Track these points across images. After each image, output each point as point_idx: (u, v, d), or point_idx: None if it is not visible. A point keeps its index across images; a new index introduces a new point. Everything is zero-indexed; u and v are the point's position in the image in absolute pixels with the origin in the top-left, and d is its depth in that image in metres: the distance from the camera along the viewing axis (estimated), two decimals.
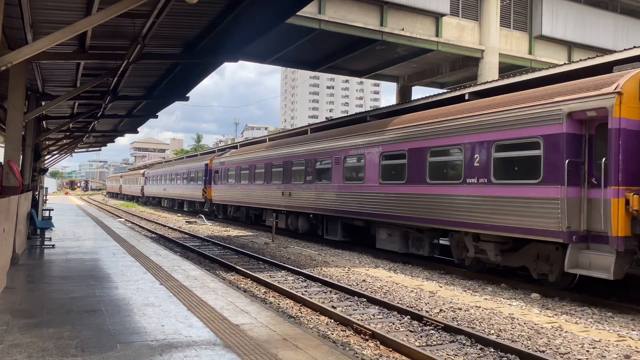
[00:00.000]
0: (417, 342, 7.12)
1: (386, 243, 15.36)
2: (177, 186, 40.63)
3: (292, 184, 20.47)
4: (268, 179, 22.80)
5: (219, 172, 29.98)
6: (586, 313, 9.04)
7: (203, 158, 36.16)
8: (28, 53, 6.07)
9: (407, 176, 13.98)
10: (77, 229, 19.09)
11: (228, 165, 28.44)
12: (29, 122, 14.30)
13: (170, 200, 45.33)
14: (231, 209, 29.18)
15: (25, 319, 6.13)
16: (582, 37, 29.80)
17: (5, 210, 7.90)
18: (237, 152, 28.53)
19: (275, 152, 22.66)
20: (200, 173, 34.14)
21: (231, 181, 27.77)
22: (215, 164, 30.91)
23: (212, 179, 31.33)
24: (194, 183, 35.44)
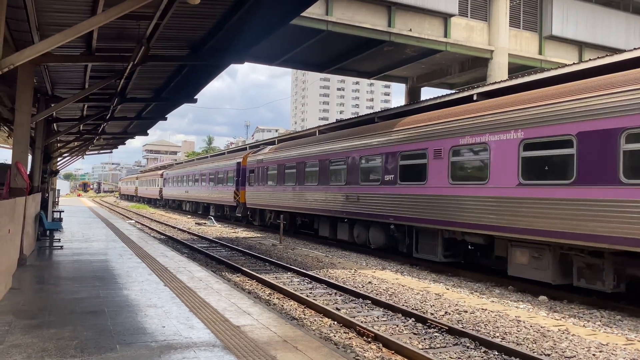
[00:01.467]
0: (420, 345, 7.05)
1: (528, 270, 10.86)
2: (202, 188, 36.53)
3: (362, 185, 16.49)
4: (324, 179, 18.98)
5: (255, 171, 25.98)
6: (594, 316, 8.91)
7: (234, 156, 31.78)
8: (31, 54, 6.10)
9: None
10: (86, 231, 19.23)
11: (267, 163, 24.44)
12: (38, 124, 14.46)
13: (193, 204, 41.00)
14: (271, 214, 24.83)
15: (28, 320, 6.16)
16: (594, 37, 29.49)
17: (11, 211, 7.96)
18: (279, 148, 24.07)
19: (335, 145, 18.49)
20: (230, 173, 30.10)
21: (271, 183, 23.89)
22: (251, 162, 26.84)
23: (246, 180, 27.26)
24: (223, 185, 31.35)
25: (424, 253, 13.99)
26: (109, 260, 11.61)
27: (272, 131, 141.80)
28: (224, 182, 31.39)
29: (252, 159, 26.72)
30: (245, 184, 27.37)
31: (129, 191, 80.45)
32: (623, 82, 9.15)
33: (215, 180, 33.20)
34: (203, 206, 38.27)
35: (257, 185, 25.58)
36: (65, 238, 15.92)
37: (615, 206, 8.86)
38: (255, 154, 27.04)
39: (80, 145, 29.58)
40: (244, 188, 27.57)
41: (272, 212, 24.60)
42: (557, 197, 9.95)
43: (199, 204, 39.12)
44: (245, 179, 27.37)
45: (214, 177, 33.62)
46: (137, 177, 74.04)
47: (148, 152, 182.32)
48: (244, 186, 27.70)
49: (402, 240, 14.99)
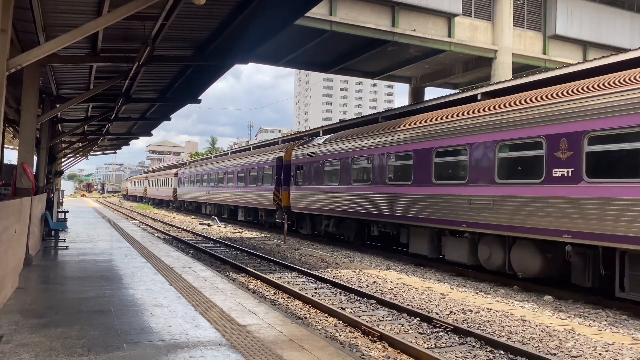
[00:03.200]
0: (425, 344, 7.05)
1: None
2: (228, 189, 31.34)
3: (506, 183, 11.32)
4: (423, 177, 13.84)
5: (305, 167, 20.85)
6: (600, 315, 8.89)
7: (271, 150, 26.21)
8: (37, 55, 6.14)
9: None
10: (91, 231, 19.29)
11: (324, 156, 19.42)
12: (43, 124, 14.54)
13: (216, 207, 35.30)
14: (329, 221, 19.46)
15: (35, 319, 6.19)
16: (598, 37, 29.40)
17: (17, 211, 7.99)
18: (341, 138, 18.78)
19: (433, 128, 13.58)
20: (267, 170, 25.05)
21: (329, 181, 18.91)
22: (298, 156, 21.74)
23: (291, 178, 22.16)
24: (257, 184, 26.33)
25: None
26: (114, 260, 11.65)
27: (275, 131, 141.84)
28: (258, 181, 26.29)
29: (300, 153, 21.49)
30: (290, 183, 22.12)
31: (136, 192, 75.34)
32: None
33: (247, 179, 27.99)
34: (229, 210, 32.81)
35: (308, 185, 20.46)
36: (71, 238, 15.97)
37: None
38: (304, 145, 21.66)
39: (84, 146, 29.69)
40: (287, 188, 22.38)
41: (331, 219, 19.15)
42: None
43: (223, 206, 33.89)
44: (290, 177, 22.11)
45: (245, 176, 28.42)
46: (147, 177, 68.58)
47: (151, 152, 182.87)
48: (287, 186, 22.41)
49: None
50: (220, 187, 33.39)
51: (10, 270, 7.48)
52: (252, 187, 27.13)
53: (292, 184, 22.03)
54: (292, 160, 22.25)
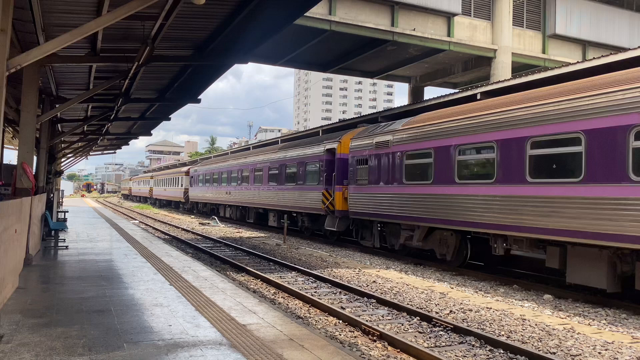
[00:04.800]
0: (425, 343, 7.06)
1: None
2: (257, 189, 26.54)
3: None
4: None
5: (371, 161, 16.30)
6: (599, 314, 8.91)
7: (316, 141, 21.34)
8: (37, 55, 6.14)
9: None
10: (91, 231, 19.29)
11: (403, 146, 14.70)
12: (43, 124, 14.54)
13: (239, 209, 30.72)
14: (413, 233, 14.44)
15: (35, 319, 6.20)
16: (597, 36, 29.44)
17: (17, 211, 8.00)
18: (431, 120, 13.88)
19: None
20: (312, 165, 20.59)
21: (415, 179, 14.23)
22: (360, 147, 17.05)
23: (349, 176, 17.78)
24: (297, 183, 21.73)
25: None
26: (114, 260, 11.66)
27: (275, 131, 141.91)
28: (298, 179, 21.72)
29: (363, 143, 16.89)
30: (348, 182, 17.92)
31: (141, 192, 70.22)
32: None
33: (281, 177, 23.49)
34: (257, 213, 27.91)
35: (376, 184, 15.93)
36: (70, 238, 15.98)
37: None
38: (369, 134, 16.85)
39: (84, 146, 29.71)
40: (343, 188, 18.30)
41: (416, 230, 14.23)
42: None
43: (247, 209, 29.15)
44: (348, 173, 17.85)
45: (279, 173, 23.87)
46: (152, 176, 63.10)
47: (151, 152, 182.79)
48: (341, 185, 18.36)
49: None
50: (244, 186, 28.66)
51: (10, 270, 7.49)
52: (290, 186, 22.46)
53: (350, 183, 17.54)
54: (351, 152, 17.65)
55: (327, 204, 18.89)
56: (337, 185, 18.56)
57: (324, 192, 19.25)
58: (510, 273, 12.79)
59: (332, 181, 18.91)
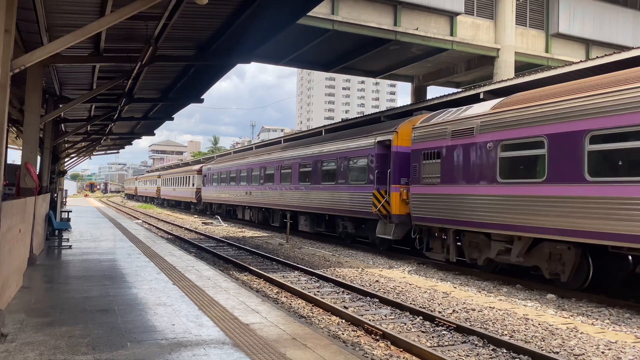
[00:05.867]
0: (428, 343, 7.07)
1: None
2: (285, 188, 23.46)
3: None
4: None
5: (445, 154, 13.26)
6: (603, 314, 8.89)
7: (364, 132, 18.06)
8: (41, 55, 6.16)
9: None
10: (94, 230, 19.35)
11: (497, 132, 11.65)
12: (46, 125, 14.59)
13: (263, 211, 27.39)
14: (517, 245, 11.28)
15: (39, 318, 6.23)
16: (601, 35, 29.37)
17: (22, 211, 8.04)
18: (531, 100, 11.09)
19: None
20: (358, 161, 17.70)
21: (526, 176, 10.94)
22: (427, 137, 14.01)
23: (411, 173, 14.73)
24: (338, 182, 18.84)
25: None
26: (117, 259, 11.69)
27: (277, 131, 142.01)
28: (338, 177, 18.87)
29: (431, 132, 13.91)
30: (411, 181, 14.76)
31: (147, 192, 67.43)
32: None
33: (317, 175, 20.45)
34: (283, 215, 23.79)
35: (451, 184, 12.99)
36: (74, 238, 16.02)
37: None
38: (440, 122, 13.73)
39: (87, 146, 29.77)
40: (399, 188, 15.55)
41: (519, 240, 11.17)
42: None
43: (272, 211, 25.96)
44: (411, 170, 14.74)
45: (313, 171, 20.86)
46: (160, 175, 59.76)
47: (154, 152, 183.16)
48: (398, 184, 15.60)
49: None
50: (268, 186, 25.50)
51: (14, 269, 7.52)
52: (327, 185, 19.61)
53: (413, 182, 14.55)
54: (413, 144, 14.61)
55: (380, 207, 15.93)
56: (393, 185, 15.67)
57: (375, 192, 16.23)
58: (513, 272, 12.77)
59: (385, 179, 16.13)
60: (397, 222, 15.45)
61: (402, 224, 15.38)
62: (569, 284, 10.39)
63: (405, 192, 15.30)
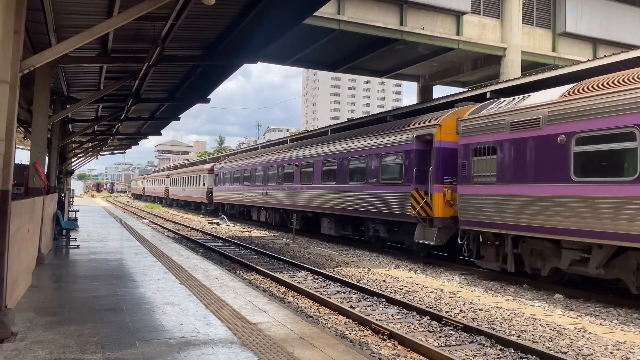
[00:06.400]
0: (435, 342, 7.06)
1: None
2: (306, 188, 21.82)
3: None
4: None
5: (503, 149, 11.64)
6: (611, 314, 8.85)
7: (400, 126, 16.41)
8: (50, 56, 6.20)
9: None
10: (101, 230, 19.44)
11: (571, 123, 10.11)
12: (54, 125, 14.67)
13: (281, 212, 25.68)
14: (596, 254, 9.68)
15: (49, 317, 6.27)
16: (608, 34, 29.19)
17: (30, 211, 8.09)
18: (613, 85, 9.54)
19: None
20: (393, 158, 16.05)
21: (611, 174, 9.35)
22: (478, 129, 12.39)
23: (459, 171, 13.04)
24: (368, 182, 17.20)
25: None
26: (124, 259, 11.75)
27: (283, 131, 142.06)
28: (370, 175, 17.19)
29: (483, 124, 12.23)
30: (459, 180, 13.11)
31: (155, 192, 66.41)
32: None
33: (344, 173, 18.90)
34: (303, 217, 22.92)
35: (510, 183, 11.38)
36: (82, 237, 16.11)
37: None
38: (494, 113, 12.04)
39: (94, 146, 29.91)
40: (442, 188, 13.98)
41: (599, 249, 9.70)
42: None
43: (290, 212, 23.55)
44: (459, 168, 13.01)
45: (340, 169, 19.25)
46: (168, 175, 58.34)
47: (160, 152, 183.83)
48: (441, 183, 14.03)
49: None
50: (287, 185, 24.02)
51: (23, 268, 7.57)
52: (356, 185, 18.06)
53: (461, 181, 12.96)
54: (461, 138, 12.94)
55: (419, 209, 14.37)
56: (435, 184, 14.07)
57: (413, 192, 14.64)
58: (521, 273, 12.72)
59: (425, 178, 14.59)
60: (440, 226, 13.88)
61: (446, 228, 13.85)
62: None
63: (449, 193, 13.82)
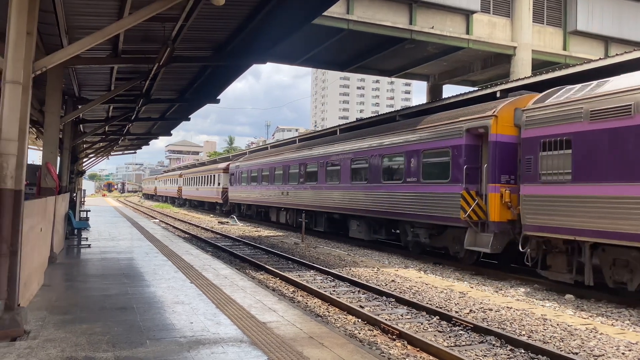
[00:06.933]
0: (445, 342, 7.04)
1: None
2: (333, 188, 20.32)
3: None
4: None
5: (580, 142, 9.97)
6: (623, 315, 8.77)
7: (446, 118, 14.47)
8: (61, 57, 6.26)
9: None
10: (112, 230, 19.59)
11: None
12: (66, 125, 14.82)
13: (300, 213, 22.56)
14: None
15: (60, 315, 6.34)
16: (620, 32, 28.89)
17: (42, 210, 8.18)
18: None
19: None
20: (440, 154, 14.18)
21: None
22: (545, 121, 10.69)
23: (522, 168, 11.41)
24: (407, 181, 15.51)
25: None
26: (135, 258, 11.83)
27: (292, 131, 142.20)
28: (409, 174, 15.43)
29: (553, 114, 10.58)
30: (522, 179, 11.47)
31: (167, 192, 65.41)
32: None
33: (377, 171, 17.25)
34: (327, 219, 21.54)
35: (592, 182, 9.79)
36: (93, 237, 16.25)
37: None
38: (567, 100, 10.40)
39: (105, 146, 30.14)
40: (498, 188, 12.35)
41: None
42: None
43: (314, 213, 22.42)
44: (523, 164, 11.36)
45: (372, 167, 17.59)
46: (181, 174, 57.06)
47: (171, 152, 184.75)
48: (497, 182, 12.37)
49: None
50: (310, 185, 22.47)
51: (36, 268, 7.66)
52: (391, 185, 16.37)
53: (525, 180, 11.20)
54: (526, 130, 11.17)
55: (470, 212, 12.68)
56: (490, 184, 12.45)
57: (463, 193, 12.90)
58: (531, 272, 12.65)
59: (477, 177, 13.10)
60: (495, 232, 12.22)
61: (502, 233, 12.23)
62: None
63: (507, 194, 12.18)
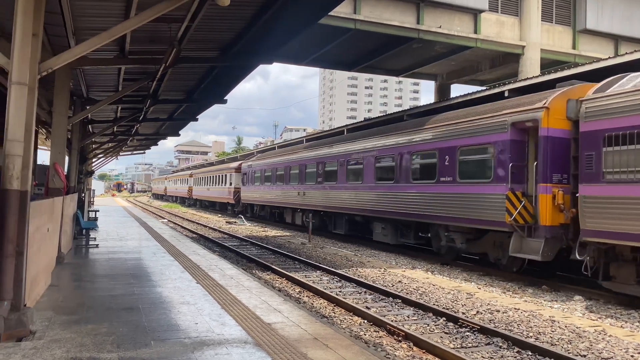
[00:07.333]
0: (451, 344, 6.99)
1: None
2: (355, 188, 19.04)
3: None
4: None
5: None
6: (632, 317, 8.67)
7: (486, 112, 12.98)
8: (68, 58, 6.28)
9: None
10: (120, 230, 19.68)
11: None
12: (74, 126, 14.91)
13: (321, 215, 22.66)
14: None
15: (67, 315, 6.36)
16: (630, 30, 28.61)
17: (50, 211, 8.22)
18: None
19: None
20: (481, 150, 12.87)
21: None
22: (613, 111, 9.33)
23: (581, 166, 10.04)
24: (440, 181, 14.15)
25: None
26: (142, 258, 11.87)
27: (300, 130, 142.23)
28: (443, 173, 14.07)
29: (616, 104, 9.37)
30: (580, 178, 10.08)
31: (178, 192, 64.99)
32: None
33: (405, 170, 15.91)
34: (347, 221, 20.56)
35: None
36: (101, 237, 16.33)
37: None
38: (633, 89, 9.16)
39: (114, 147, 30.29)
40: (550, 189, 11.05)
41: None
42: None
43: (332, 215, 21.60)
44: (581, 162, 10.08)
45: (400, 165, 16.18)
46: (191, 174, 56.43)
47: (179, 152, 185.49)
48: (549, 182, 11.08)
49: None
50: (329, 185, 21.09)
51: (43, 268, 7.70)
52: (422, 184, 14.98)
53: (584, 179, 9.95)
54: (585, 123, 9.97)
55: (516, 215, 11.36)
56: (541, 184, 11.13)
57: (509, 194, 11.59)
58: (538, 274, 12.55)
59: (522, 176, 11.84)
60: (547, 237, 10.95)
61: (554, 239, 11.00)
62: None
63: (560, 194, 10.89)
